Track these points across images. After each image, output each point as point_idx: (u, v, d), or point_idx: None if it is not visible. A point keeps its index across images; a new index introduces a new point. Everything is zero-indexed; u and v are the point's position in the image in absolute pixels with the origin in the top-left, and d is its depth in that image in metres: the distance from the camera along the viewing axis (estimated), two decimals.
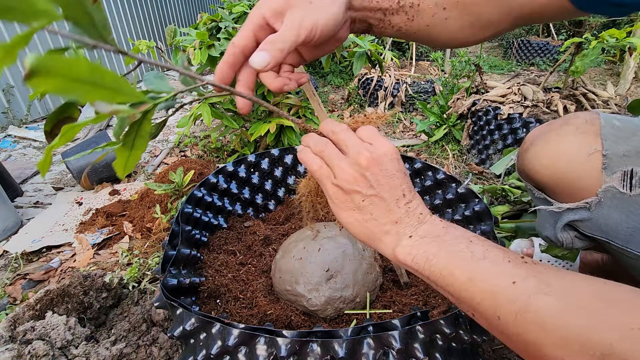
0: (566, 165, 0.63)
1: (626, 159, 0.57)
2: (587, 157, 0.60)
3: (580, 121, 0.64)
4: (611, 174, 0.58)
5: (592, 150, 0.60)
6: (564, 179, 0.65)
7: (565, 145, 0.64)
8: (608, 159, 0.58)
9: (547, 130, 0.68)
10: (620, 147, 0.58)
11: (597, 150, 0.60)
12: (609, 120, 0.62)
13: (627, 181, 0.57)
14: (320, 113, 0.70)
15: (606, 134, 0.60)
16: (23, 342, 0.78)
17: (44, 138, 2.54)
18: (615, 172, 0.58)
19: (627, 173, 0.57)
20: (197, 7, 5.82)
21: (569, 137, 0.64)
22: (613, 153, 0.58)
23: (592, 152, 0.60)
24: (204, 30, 1.45)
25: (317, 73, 3.59)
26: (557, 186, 0.67)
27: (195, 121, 1.57)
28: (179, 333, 0.63)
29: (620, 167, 0.58)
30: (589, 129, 0.62)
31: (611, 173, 0.58)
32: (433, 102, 2.27)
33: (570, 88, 1.77)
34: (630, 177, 0.57)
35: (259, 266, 0.99)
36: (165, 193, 1.39)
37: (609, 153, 0.59)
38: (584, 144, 0.61)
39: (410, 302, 0.85)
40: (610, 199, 0.59)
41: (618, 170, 0.58)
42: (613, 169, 0.58)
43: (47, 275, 1.20)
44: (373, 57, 1.59)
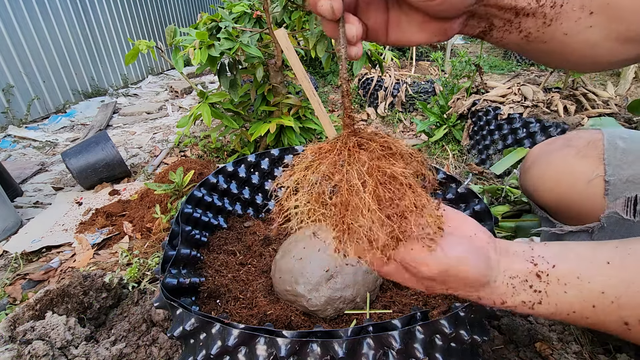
0: (567, 191, 0.61)
1: (630, 184, 0.56)
2: (588, 183, 0.59)
3: (583, 143, 0.62)
4: (614, 200, 0.56)
5: (593, 175, 0.58)
6: (565, 204, 0.63)
7: (567, 169, 0.62)
8: (611, 185, 0.57)
9: (549, 150, 0.66)
10: (624, 172, 0.56)
11: (600, 176, 0.58)
12: (613, 142, 0.59)
13: (631, 207, 0.55)
14: (320, 113, 0.70)
15: (609, 157, 0.58)
16: (23, 342, 0.78)
17: (44, 138, 2.54)
18: (618, 198, 0.56)
19: (631, 199, 0.55)
20: (197, 7, 5.82)
21: (570, 161, 0.62)
22: (616, 179, 0.57)
23: (594, 177, 0.58)
24: (204, 30, 1.45)
25: (317, 73, 3.59)
26: (558, 209, 0.65)
27: (195, 121, 1.57)
28: (178, 333, 0.63)
29: (623, 193, 0.56)
30: (591, 153, 0.60)
31: (614, 199, 0.57)
32: (433, 102, 2.26)
33: (571, 88, 1.77)
34: (635, 203, 0.55)
35: (259, 266, 0.99)
36: (165, 193, 1.39)
37: (611, 179, 0.57)
38: (585, 169, 0.59)
39: (410, 302, 0.85)
40: (614, 225, 0.57)
41: (621, 196, 0.56)
42: (616, 194, 0.56)
43: (46, 276, 1.20)
44: (373, 57, 1.59)
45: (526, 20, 0.38)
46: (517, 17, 0.38)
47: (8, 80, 2.79)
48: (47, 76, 3.15)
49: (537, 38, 0.39)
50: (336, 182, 0.35)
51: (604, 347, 0.84)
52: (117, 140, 2.44)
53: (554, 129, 1.54)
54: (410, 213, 0.35)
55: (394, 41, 0.40)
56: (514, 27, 0.39)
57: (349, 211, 0.35)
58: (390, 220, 0.35)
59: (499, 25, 0.40)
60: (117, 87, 3.99)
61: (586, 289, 0.37)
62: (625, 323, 0.36)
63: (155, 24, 4.68)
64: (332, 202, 0.35)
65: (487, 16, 0.39)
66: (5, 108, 2.76)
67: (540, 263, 0.38)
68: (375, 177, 0.35)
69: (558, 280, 0.37)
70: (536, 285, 0.38)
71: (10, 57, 2.81)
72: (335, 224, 0.36)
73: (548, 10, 0.38)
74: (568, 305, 0.37)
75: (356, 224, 0.35)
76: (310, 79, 1.52)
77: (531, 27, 0.39)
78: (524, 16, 0.38)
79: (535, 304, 0.38)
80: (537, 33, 0.39)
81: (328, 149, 0.38)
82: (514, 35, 0.40)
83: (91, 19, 3.66)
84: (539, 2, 0.37)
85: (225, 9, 1.61)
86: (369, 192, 0.34)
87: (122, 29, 4.10)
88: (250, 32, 1.51)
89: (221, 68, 1.53)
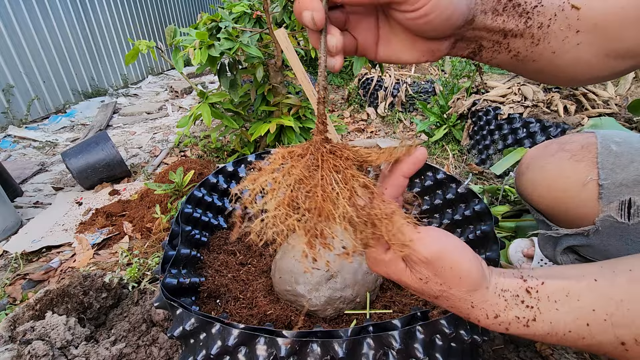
0: (562, 195, 0.62)
1: (623, 188, 0.56)
2: (582, 187, 0.59)
3: (576, 147, 0.62)
4: (608, 204, 0.57)
5: (587, 179, 0.59)
6: (560, 207, 0.64)
7: (560, 174, 0.62)
8: (605, 189, 0.57)
9: (543, 154, 0.67)
10: (618, 176, 0.57)
11: (593, 180, 0.58)
12: (606, 145, 0.60)
13: (625, 211, 0.56)
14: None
15: (603, 161, 0.58)
16: (23, 342, 0.78)
17: (44, 138, 2.54)
18: (612, 202, 0.57)
19: (625, 203, 0.56)
20: (197, 7, 5.82)
21: (564, 165, 0.62)
22: (610, 183, 0.57)
23: (588, 181, 0.59)
24: (204, 30, 1.45)
25: (317, 73, 3.59)
26: (553, 213, 0.66)
27: (195, 121, 1.57)
28: (178, 333, 0.63)
29: (617, 197, 0.56)
30: (585, 156, 0.60)
31: (608, 202, 0.57)
32: (433, 102, 2.26)
33: (571, 88, 1.77)
34: (629, 206, 0.55)
35: (259, 266, 0.99)
36: (165, 193, 1.39)
37: (605, 183, 0.57)
38: (579, 173, 0.60)
39: (410, 302, 0.85)
40: (609, 228, 0.58)
41: (615, 199, 0.56)
42: (610, 198, 0.57)
43: (46, 276, 1.20)
44: None
45: (514, 41, 0.39)
46: (506, 38, 0.39)
47: (8, 80, 2.79)
48: (47, 76, 3.15)
49: (526, 57, 0.40)
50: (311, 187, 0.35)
51: None
52: (117, 141, 2.44)
53: (554, 129, 1.54)
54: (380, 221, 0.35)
55: (383, 58, 0.40)
56: (503, 48, 0.40)
57: (323, 217, 0.34)
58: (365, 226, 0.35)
59: (488, 46, 0.40)
60: (117, 87, 3.99)
61: (576, 306, 0.37)
62: (622, 343, 0.35)
63: (155, 24, 4.69)
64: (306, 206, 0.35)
65: (476, 39, 0.40)
66: (5, 108, 2.76)
67: (529, 279, 0.39)
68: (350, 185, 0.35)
69: (548, 297, 0.37)
70: (527, 301, 0.38)
71: (11, 57, 2.81)
72: (307, 229, 0.35)
73: (535, 31, 0.38)
74: (562, 324, 0.37)
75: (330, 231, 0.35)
76: (310, 79, 1.52)
77: (520, 47, 0.40)
78: (512, 37, 0.39)
79: (530, 320, 0.37)
80: (526, 52, 0.40)
81: (300, 154, 0.37)
82: (503, 55, 0.41)
83: (91, 19, 3.66)
84: (527, 23, 0.38)
85: (225, 9, 1.61)
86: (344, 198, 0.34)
87: (122, 29, 4.10)
88: (250, 32, 1.51)
89: (221, 68, 1.53)
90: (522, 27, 0.38)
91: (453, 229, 1.04)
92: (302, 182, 0.35)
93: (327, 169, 0.35)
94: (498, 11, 0.38)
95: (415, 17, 0.33)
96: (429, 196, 1.13)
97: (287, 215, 0.34)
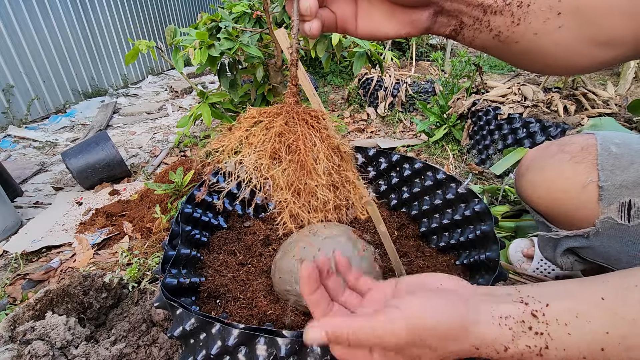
0: (562, 196, 0.62)
1: (623, 189, 0.56)
2: (582, 189, 0.59)
3: (576, 148, 0.62)
4: (608, 205, 0.57)
5: (587, 181, 0.59)
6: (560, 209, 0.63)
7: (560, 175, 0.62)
8: (604, 191, 0.57)
9: (543, 156, 0.67)
10: (617, 178, 0.57)
11: (593, 182, 0.58)
12: (606, 147, 0.60)
13: (625, 212, 0.56)
14: None
15: (603, 163, 0.58)
16: (23, 342, 0.78)
17: (44, 138, 2.54)
18: (612, 204, 0.57)
19: (625, 204, 0.56)
20: (197, 7, 5.82)
21: (563, 167, 0.62)
22: (610, 184, 0.57)
23: (588, 183, 0.59)
24: (204, 30, 1.45)
25: (317, 73, 3.59)
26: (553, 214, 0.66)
27: (195, 121, 1.57)
28: (178, 333, 0.63)
29: (617, 199, 0.56)
30: (585, 158, 0.60)
31: (608, 204, 0.57)
32: (433, 102, 2.26)
33: (571, 88, 1.77)
34: (628, 208, 0.55)
35: (258, 266, 0.99)
36: (165, 193, 1.39)
37: (605, 185, 0.57)
38: (579, 174, 0.60)
39: None
40: (609, 229, 0.58)
41: (615, 201, 0.56)
42: (610, 200, 0.57)
43: (47, 276, 1.20)
44: (373, 57, 1.59)
45: (495, 19, 0.39)
46: (486, 14, 0.39)
47: (8, 80, 2.79)
48: (47, 76, 3.15)
49: (508, 37, 0.40)
50: (293, 139, 0.36)
51: None
52: (117, 140, 2.44)
53: (554, 129, 1.54)
54: (347, 184, 0.36)
55: (364, 32, 0.41)
56: (484, 26, 0.40)
57: (305, 170, 0.35)
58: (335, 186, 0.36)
59: (469, 23, 0.40)
60: (117, 87, 3.99)
61: (587, 330, 0.34)
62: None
63: (155, 24, 4.69)
64: (290, 158, 0.35)
65: (456, 13, 0.40)
66: (5, 108, 2.76)
67: (531, 302, 0.35)
68: (327, 143, 0.36)
69: (557, 320, 0.34)
70: (536, 327, 0.34)
71: (10, 57, 2.81)
72: (290, 182, 0.35)
73: (515, 10, 0.38)
74: (576, 349, 0.34)
75: (311, 184, 0.35)
76: (310, 79, 1.52)
77: (500, 25, 0.39)
78: (492, 14, 0.39)
79: (542, 349, 0.34)
80: (508, 32, 0.40)
81: (275, 113, 0.38)
82: (484, 35, 0.41)
83: (91, 19, 3.66)
84: (506, 0, 0.38)
85: (225, 9, 1.61)
86: (324, 154, 0.35)
87: (122, 29, 4.10)
88: (250, 32, 1.51)
89: (221, 68, 1.53)
90: (501, 3, 0.38)
91: (453, 229, 1.04)
92: (282, 135, 0.36)
93: (304, 125, 0.36)
94: None
95: None
96: (429, 196, 1.13)
97: (269, 167, 0.35)
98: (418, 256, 1.02)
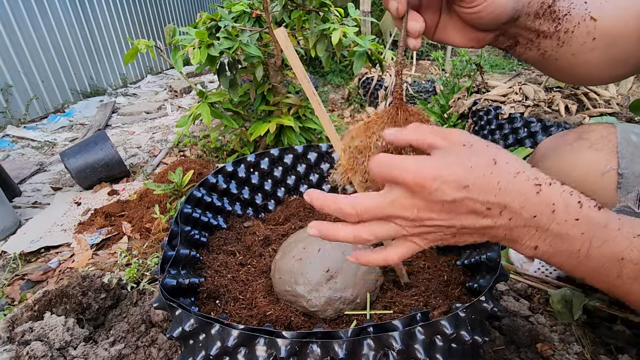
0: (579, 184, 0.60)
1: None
2: (601, 176, 0.59)
3: (596, 136, 0.62)
4: (626, 194, 0.57)
5: (607, 168, 0.58)
6: None
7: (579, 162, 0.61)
8: (624, 179, 0.57)
9: (561, 143, 0.66)
10: (637, 167, 0.56)
11: (613, 169, 0.58)
12: (626, 136, 0.59)
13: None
14: (320, 112, 0.69)
15: (623, 151, 0.58)
16: (21, 343, 0.78)
17: (42, 138, 2.53)
18: (630, 192, 0.56)
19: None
20: (196, 6, 5.81)
21: (583, 154, 0.62)
22: (630, 172, 0.57)
23: (608, 170, 0.58)
24: (203, 29, 1.44)
25: (317, 73, 3.59)
26: None
27: (195, 121, 1.56)
28: (178, 334, 0.63)
29: (636, 187, 0.56)
30: (605, 146, 0.60)
31: (626, 193, 0.57)
32: (434, 101, 2.26)
33: (572, 87, 1.77)
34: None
35: (258, 267, 0.99)
36: (164, 193, 1.39)
37: (625, 172, 0.57)
38: (599, 161, 0.59)
39: (410, 303, 0.85)
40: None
41: (633, 190, 0.56)
42: (628, 188, 0.56)
43: (45, 276, 1.20)
44: (373, 57, 1.58)
45: (544, 41, 0.49)
46: (538, 38, 0.49)
47: (6, 80, 2.79)
48: (46, 76, 3.14)
49: (550, 56, 0.49)
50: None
51: (605, 347, 0.84)
52: (116, 140, 2.43)
53: (555, 128, 1.54)
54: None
55: (438, 38, 0.49)
56: (534, 46, 0.49)
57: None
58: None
59: (523, 42, 0.49)
60: (116, 86, 3.98)
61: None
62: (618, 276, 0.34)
63: (154, 24, 4.68)
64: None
65: (514, 35, 0.49)
66: (3, 108, 2.76)
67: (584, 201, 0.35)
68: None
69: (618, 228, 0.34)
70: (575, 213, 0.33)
71: (9, 56, 2.80)
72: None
73: (562, 35, 0.48)
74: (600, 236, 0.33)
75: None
76: (310, 79, 1.51)
77: (547, 46, 0.49)
78: (543, 38, 0.49)
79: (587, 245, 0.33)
80: (551, 52, 0.49)
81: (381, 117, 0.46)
82: (533, 52, 0.50)
83: (90, 18, 3.65)
84: (557, 28, 0.47)
85: (224, 8, 1.60)
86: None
87: (121, 29, 4.09)
88: (249, 31, 1.50)
89: (221, 67, 1.53)
90: (553, 30, 0.48)
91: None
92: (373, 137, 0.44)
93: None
94: (539, 15, 0.47)
95: (470, 12, 0.42)
96: None
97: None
98: (419, 256, 1.02)
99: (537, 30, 0.47)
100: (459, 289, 0.86)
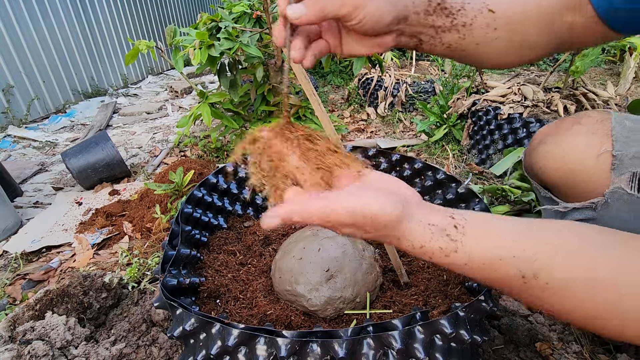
0: (575, 167, 0.63)
1: (636, 160, 0.57)
2: (596, 158, 0.61)
3: (592, 121, 0.64)
4: (620, 175, 0.58)
5: (602, 150, 0.60)
6: (572, 181, 0.65)
7: (576, 146, 0.63)
8: (618, 160, 0.58)
9: (558, 129, 0.68)
10: (631, 149, 0.58)
11: (608, 151, 0.60)
12: (620, 121, 0.61)
13: (636, 183, 0.57)
14: (320, 113, 0.70)
15: (617, 134, 0.60)
16: (23, 342, 0.78)
17: (44, 138, 2.54)
18: (623, 174, 0.58)
19: (636, 174, 0.57)
20: (197, 7, 5.81)
21: (579, 138, 0.64)
22: (623, 154, 0.58)
23: (602, 152, 0.60)
24: (203, 30, 1.45)
25: (317, 73, 3.59)
26: (565, 187, 0.67)
27: (195, 121, 1.57)
28: (178, 333, 0.63)
29: (629, 169, 0.57)
30: (600, 129, 0.62)
31: (620, 174, 0.58)
32: (433, 102, 2.26)
33: (571, 88, 1.77)
34: (639, 178, 0.57)
35: (258, 266, 0.99)
36: (165, 193, 1.39)
37: (619, 154, 0.58)
38: (594, 144, 0.61)
39: (410, 302, 0.85)
40: (618, 200, 0.58)
41: (627, 171, 0.58)
42: (622, 170, 0.58)
43: (46, 276, 1.20)
44: (373, 57, 1.59)
45: (445, 35, 0.51)
46: (438, 33, 0.51)
47: (8, 81, 2.79)
48: (47, 76, 3.15)
49: (456, 48, 0.52)
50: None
51: (604, 347, 0.84)
52: (117, 140, 2.44)
53: None
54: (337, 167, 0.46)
55: (346, 53, 0.52)
56: (438, 41, 0.51)
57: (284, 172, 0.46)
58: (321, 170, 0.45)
59: (426, 40, 0.51)
60: (117, 87, 3.99)
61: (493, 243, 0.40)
62: (523, 276, 0.39)
63: (155, 24, 4.68)
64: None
65: (415, 34, 0.50)
66: (5, 108, 2.76)
67: (457, 218, 0.42)
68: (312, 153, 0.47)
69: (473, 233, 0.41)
70: (453, 235, 0.41)
71: (10, 57, 2.81)
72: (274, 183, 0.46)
73: (460, 28, 0.50)
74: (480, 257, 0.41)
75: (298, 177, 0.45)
76: (310, 79, 1.52)
77: (450, 40, 0.51)
78: (442, 32, 0.50)
79: (452, 252, 0.41)
80: (457, 44, 0.51)
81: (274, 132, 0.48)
82: (439, 47, 0.52)
83: (91, 18, 3.66)
84: (452, 22, 0.50)
85: (225, 9, 1.61)
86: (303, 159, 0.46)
87: (122, 29, 4.09)
88: (250, 32, 1.51)
89: (221, 68, 1.53)
90: (449, 24, 0.50)
91: None
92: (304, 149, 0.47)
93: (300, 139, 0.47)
94: (429, 12, 0.49)
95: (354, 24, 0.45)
96: (429, 196, 1.13)
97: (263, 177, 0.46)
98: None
99: (433, 26, 0.49)
100: (458, 288, 0.86)
